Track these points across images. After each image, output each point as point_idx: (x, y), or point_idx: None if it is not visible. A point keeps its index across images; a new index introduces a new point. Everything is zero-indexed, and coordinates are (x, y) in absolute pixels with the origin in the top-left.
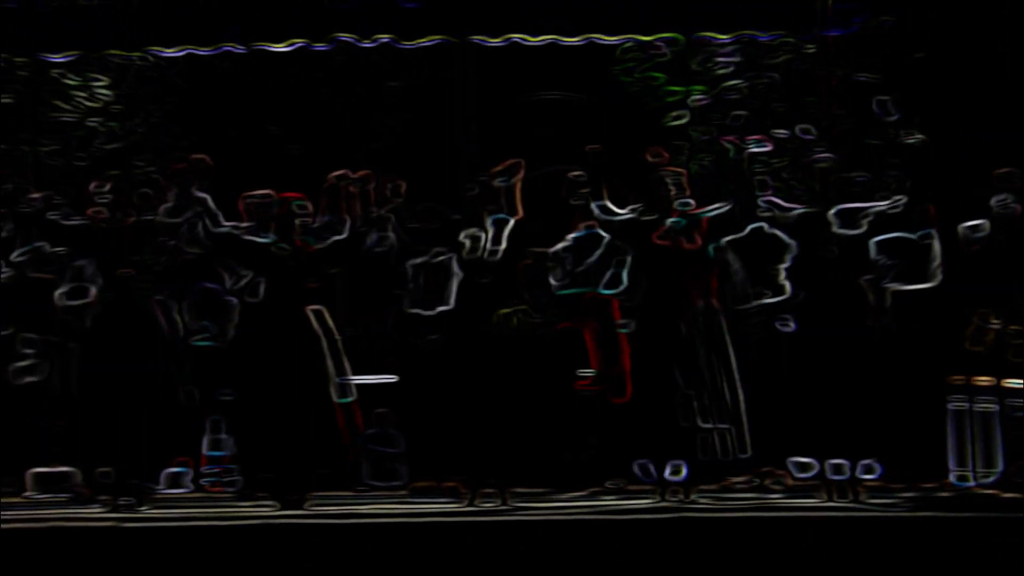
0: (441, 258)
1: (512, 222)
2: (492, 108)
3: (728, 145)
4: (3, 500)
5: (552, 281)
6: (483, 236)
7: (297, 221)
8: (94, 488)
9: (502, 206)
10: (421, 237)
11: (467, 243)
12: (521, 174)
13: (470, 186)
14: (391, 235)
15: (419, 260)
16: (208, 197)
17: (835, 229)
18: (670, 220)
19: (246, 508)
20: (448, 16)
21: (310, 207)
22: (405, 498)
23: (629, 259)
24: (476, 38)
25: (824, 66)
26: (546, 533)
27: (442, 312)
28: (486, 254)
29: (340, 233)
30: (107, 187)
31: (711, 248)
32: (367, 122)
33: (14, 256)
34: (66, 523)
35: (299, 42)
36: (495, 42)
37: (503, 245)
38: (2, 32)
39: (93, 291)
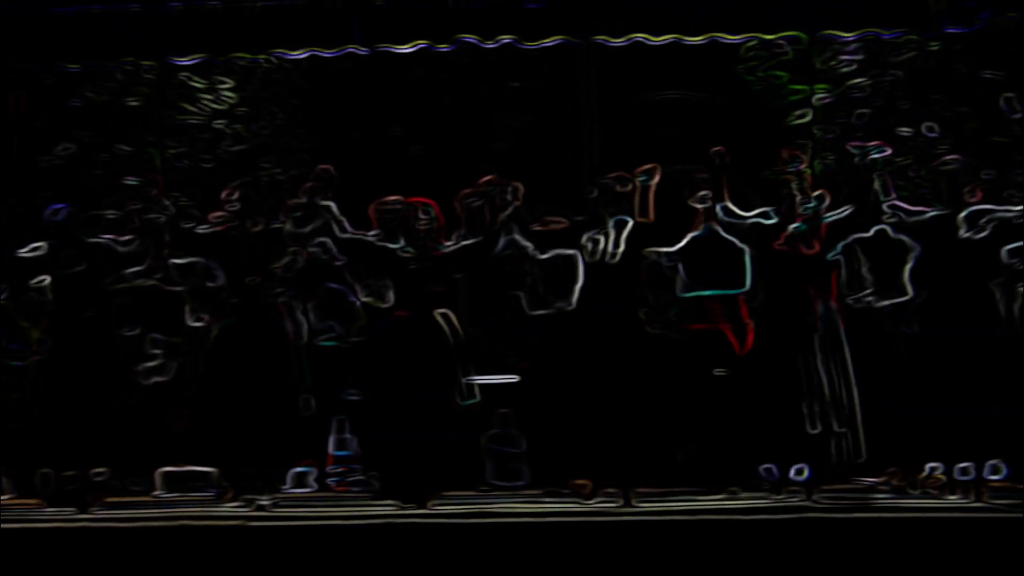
0: (563, 258)
1: (631, 223)
2: (614, 108)
3: (852, 150)
4: (133, 499)
5: (676, 281)
6: (604, 238)
7: (421, 227)
8: (221, 487)
9: (623, 207)
10: (543, 239)
11: (589, 245)
12: (657, 177)
13: (590, 188)
14: (515, 238)
15: (541, 260)
16: (333, 204)
17: (963, 232)
18: (792, 225)
19: (372, 507)
20: (570, 16)
21: (436, 211)
22: (528, 498)
23: (750, 260)
24: (598, 38)
25: (949, 63)
26: (669, 532)
27: (564, 312)
28: (607, 256)
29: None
30: (236, 195)
31: (836, 249)
32: (489, 123)
33: (140, 268)
34: (194, 522)
35: (422, 43)
36: (617, 42)
37: (623, 247)
38: (129, 36)
39: (222, 296)
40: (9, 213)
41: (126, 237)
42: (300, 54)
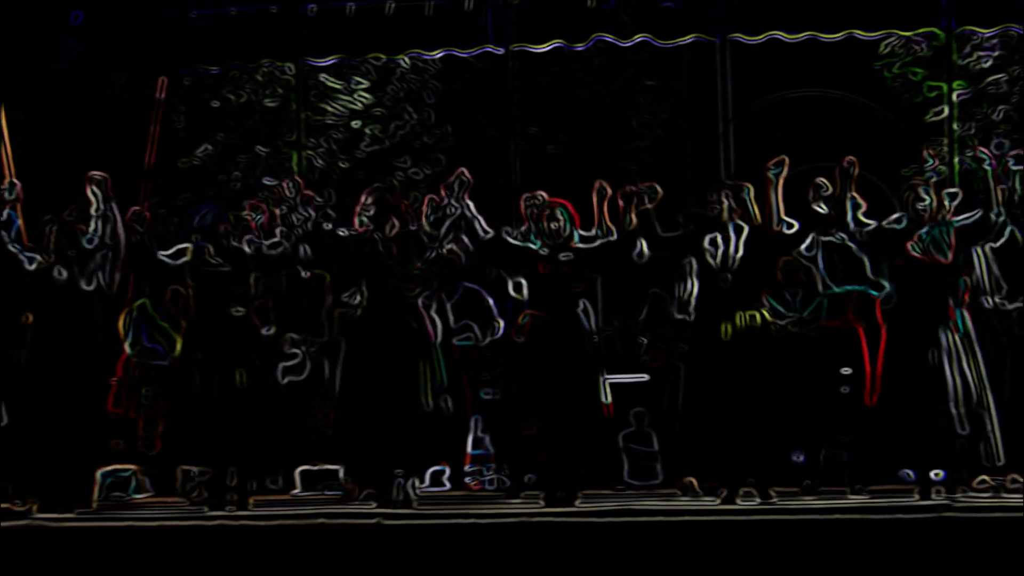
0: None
1: (749, 228)
2: (750, 106)
3: (982, 155)
4: (272, 497)
5: (814, 280)
6: (726, 241)
7: (554, 225)
8: (359, 485)
9: (741, 211)
10: (674, 240)
11: (711, 248)
12: (786, 170)
13: (713, 191)
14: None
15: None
16: (471, 204)
17: None
18: (922, 230)
19: (509, 506)
20: (706, 15)
21: (571, 211)
22: (664, 496)
23: (883, 264)
24: (734, 36)
25: None
26: (804, 532)
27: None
28: (729, 260)
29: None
30: (371, 198)
31: (970, 252)
32: (625, 122)
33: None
34: (331, 520)
35: (557, 42)
36: (753, 40)
37: (743, 251)
38: (267, 38)
39: (363, 296)
40: (152, 214)
41: (272, 240)
42: (436, 54)
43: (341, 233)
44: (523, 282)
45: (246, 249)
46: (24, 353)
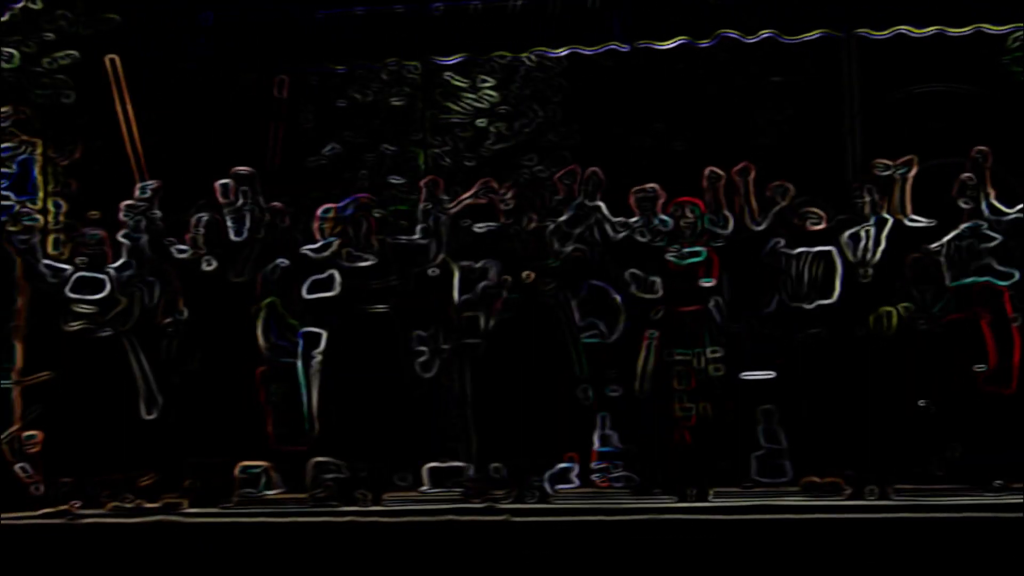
0: (820, 255)
1: (891, 221)
2: (877, 102)
3: None
4: (399, 495)
5: (943, 274)
6: (865, 236)
7: (684, 222)
8: (486, 483)
9: (885, 204)
10: (805, 236)
11: (850, 243)
12: (914, 170)
13: (855, 185)
14: (777, 240)
15: (801, 255)
16: (603, 205)
17: None
18: None
19: (642, 502)
20: (832, 9)
21: (703, 209)
22: (791, 494)
23: (1014, 253)
24: (861, 31)
25: None
26: (931, 531)
27: (824, 307)
28: (868, 253)
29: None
30: (510, 193)
31: None
32: (751, 118)
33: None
34: (459, 517)
35: (682, 39)
36: (880, 34)
37: (883, 245)
38: (393, 37)
39: (502, 294)
40: (289, 213)
41: (416, 237)
42: (561, 52)
43: (477, 229)
44: (658, 280)
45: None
46: (174, 345)
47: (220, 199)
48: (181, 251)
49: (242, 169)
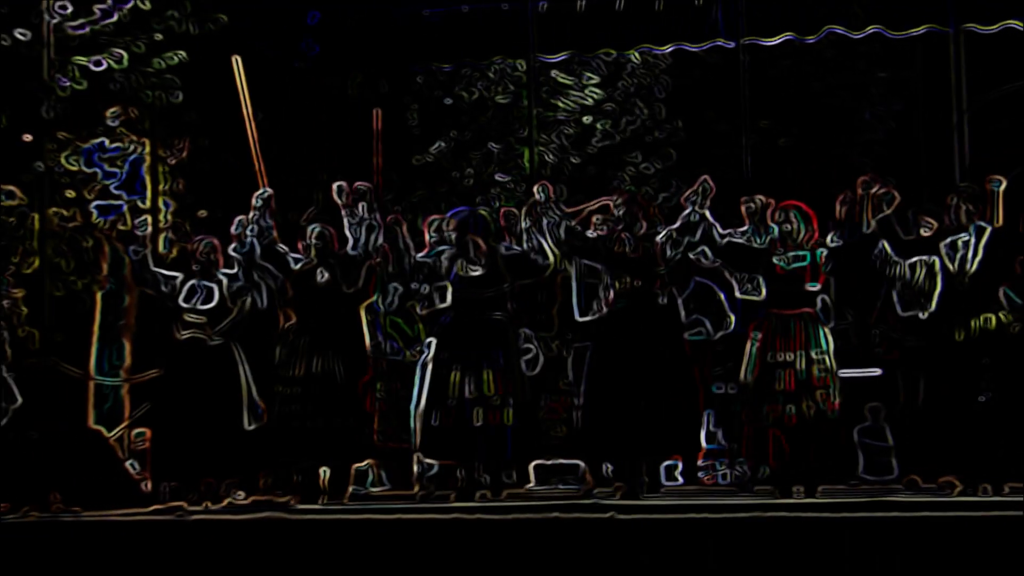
0: (924, 264)
1: (990, 230)
2: (985, 97)
3: None
4: (510, 492)
5: None
6: (964, 245)
7: (787, 227)
8: (596, 480)
9: (985, 212)
10: (911, 242)
11: (948, 252)
12: (1004, 184)
13: (960, 189)
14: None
15: (908, 263)
16: (708, 213)
17: None
18: None
19: (747, 500)
20: (940, 4)
21: (807, 212)
22: (898, 491)
23: None
24: (968, 26)
25: None
26: None
27: (928, 311)
28: (967, 263)
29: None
30: (620, 200)
31: None
32: (857, 114)
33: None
34: (565, 514)
35: (788, 35)
36: (988, 29)
37: (981, 254)
38: (498, 35)
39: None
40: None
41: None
42: (666, 49)
43: (590, 235)
44: (760, 280)
45: (502, 251)
46: (285, 351)
47: (337, 200)
48: (296, 260)
49: (361, 185)
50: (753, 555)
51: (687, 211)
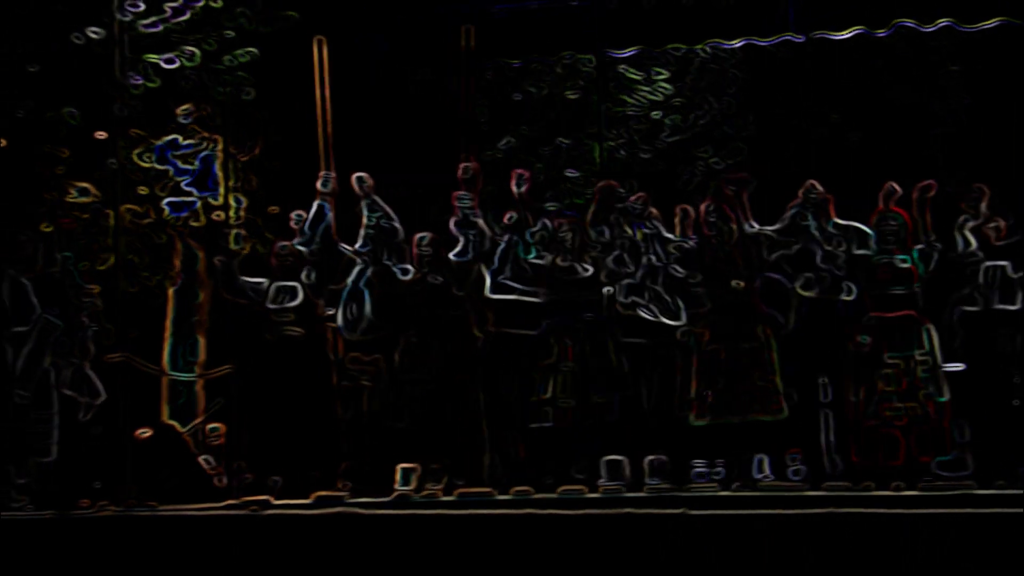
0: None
1: None
2: None
3: None
4: (575, 487)
5: None
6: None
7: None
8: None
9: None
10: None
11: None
12: None
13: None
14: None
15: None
16: (812, 223)
17: None
18: None
19: (819, 495)
20: None
21: (905, 218)
22: (968, 488)
23: None
24: None
25: None
26: None
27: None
28: None
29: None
30: (712, 206)
31: None
32: (928, 108)
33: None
34: (637, 510)
35: (858, 29)
36: None
37: None
38: (567, 30)
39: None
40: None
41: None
42: (736, 43)
43: (687, 245)
44: (852, 287)
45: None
46: (407, 355)
47: (357, 190)
48: (405, 272)
49: (464, 196)
50: (823, 551)
51: (791, 212)
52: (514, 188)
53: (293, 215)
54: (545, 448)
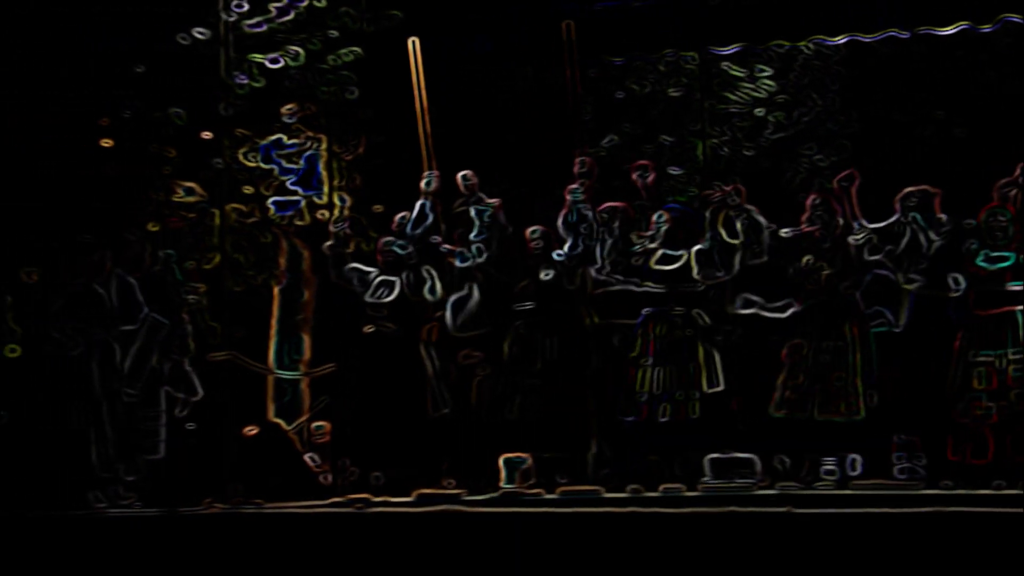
0: None
1: None
2: None
3: None
4: (676, 485)
5: None
6: None
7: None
8: (771, 476)
9: None
10: None
11: None
12: None
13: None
14: None
15: None
16: (919, 217)
17: None
18: None
19: (928, 494)
20: None
21: (1012, 213)
22: None
23: None
24: None
25: None
26: None
27: None
28: None
29: None
30: (819, 200)
31: None
32: None
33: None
34: (741, 508)
35: (963, 24)
36: None
37: None
38: (670, 27)
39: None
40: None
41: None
42: (840, 40)
43: (784, 234)
44: (960, 279)
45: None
46: (517, 346)
47: (462, 186)
48: (513, 266)
49: (616, 206)
50: (932, 549)
51: (895, 217)
52: (637, 179)
53: (397, 217)
54: (644, 444)
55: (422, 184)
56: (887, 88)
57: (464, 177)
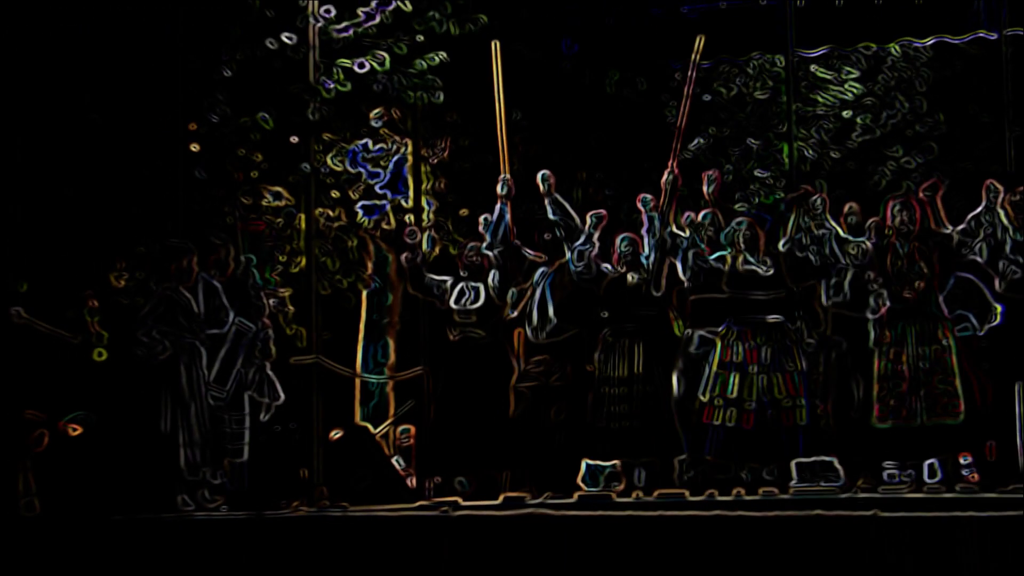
0: None
1: None
2: None
3: None
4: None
5: None
6: None
7: None
8: (855, 478)
9: None
10: None
11: None
12: None
13: None
14: None
15: None
16: (1002, 212)
17: None
18: None
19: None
20: None
21: None
22: None
23: None
24: None
25: None
26: None
27: None
28: None
29: None
30: (900, 206)
31: None
32: None
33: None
34: (827, 511)
35: None
36: None
37: None
38: (756, 30)
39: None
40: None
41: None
42: (927, 41)
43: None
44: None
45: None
46: (603, 354)
47: (541, 188)
48: (607, 269)
49: (647, 197)
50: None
51: (975, 212)
52: (705, 189)
53: (482, 219)
54: (729, 449)
55: (497, 188)
56: (975, 89)
57: (543, 177)
